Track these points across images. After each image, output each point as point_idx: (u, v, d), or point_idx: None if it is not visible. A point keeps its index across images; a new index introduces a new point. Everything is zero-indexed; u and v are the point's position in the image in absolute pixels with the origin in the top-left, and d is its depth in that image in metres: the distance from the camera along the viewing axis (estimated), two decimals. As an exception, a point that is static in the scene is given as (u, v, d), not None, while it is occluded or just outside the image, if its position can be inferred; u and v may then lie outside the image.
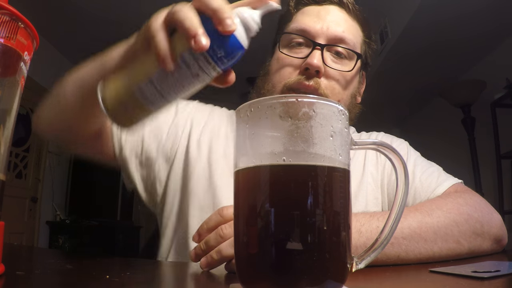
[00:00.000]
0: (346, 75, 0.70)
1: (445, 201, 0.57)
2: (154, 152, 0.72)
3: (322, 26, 0.69)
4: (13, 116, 0.32)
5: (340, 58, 0.70)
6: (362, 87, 0.80)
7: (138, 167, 0.72)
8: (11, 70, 0.31)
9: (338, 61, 0.70)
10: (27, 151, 3.15)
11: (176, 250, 0.70)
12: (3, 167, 0.31)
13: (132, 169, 0.72)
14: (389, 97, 3.67)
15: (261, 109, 0.26)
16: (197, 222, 0.66)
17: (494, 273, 0.37)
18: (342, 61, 0.70)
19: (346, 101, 0.72)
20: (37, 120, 0.64)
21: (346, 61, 0.71)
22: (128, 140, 0.71)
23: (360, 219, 0.48)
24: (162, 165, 0.73)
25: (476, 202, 0.59)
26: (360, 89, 0.79)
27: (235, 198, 0.29)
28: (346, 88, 0.71)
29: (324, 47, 0.68)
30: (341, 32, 0.69)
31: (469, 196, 0.60)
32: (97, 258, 0.55)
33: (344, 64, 0.70)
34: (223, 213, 0.47)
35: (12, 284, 0.30)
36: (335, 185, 0.26)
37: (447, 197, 0.60)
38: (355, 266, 0.28)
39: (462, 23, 2.55)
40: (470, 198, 0.59)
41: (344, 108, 0.28)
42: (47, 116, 0.63)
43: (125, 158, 0.71)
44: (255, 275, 0.27)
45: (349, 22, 0.73)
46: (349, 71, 0.70)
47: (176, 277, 0.48)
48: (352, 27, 0.73)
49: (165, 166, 0.73)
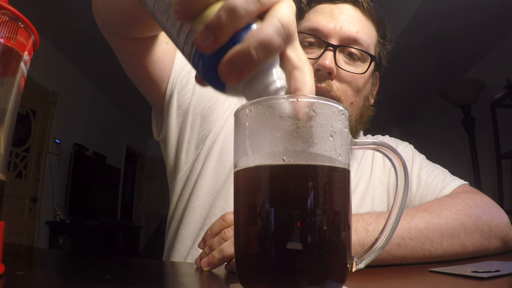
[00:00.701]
0: (359, 77, 0.68)
1: (454, 201, 0.56)
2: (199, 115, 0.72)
3: (335, 26, 0.67)
4: (13, 116, 0.32)
5: (353, 60, 0.68)
6: (375, 88, 0.77)
7: (177, 116, 0.71)
8: (11, 70, 0.31)
9: (351, 62, 0.68)
10: (27, 151, 3.15)
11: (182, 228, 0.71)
12: (3, 167, 0.31)
13: (173, 112, 0.70)
14: (389, 97, 3.67)
15: (261, 109, 0.26)
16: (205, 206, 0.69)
17: (494, 273, 0.37)
18: (355, 62, 0.68)
19: (359, 103, 0.70)
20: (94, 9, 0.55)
21: (359, 63, 0.68)
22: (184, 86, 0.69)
23: (367, 219, 0.48)
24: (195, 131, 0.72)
25: (486, 204, 0.58)
26: (373, 91, 0.77)
27: (235, 198, 0.29)
28: (359, 90, 0.69)
29: (336, 48, 0.66)
30: (354, 33, 0.67)
31: (479, 198, 0.59)
32: (97, 258, 0.55)
33: (357, 66, 0.68)
34: (226, 218, 0.48)
35: (12, 284, 0.30)
36: (335, 185, 0.26)
37: (456, 197, 0.58)
38: (355, 266, 0.28)
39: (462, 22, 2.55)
40: (479, 200, 0.58)
41: (344, 108, 0.28)
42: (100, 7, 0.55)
43: (173, 101, 0.69)
44: (255, 275, 0.27)
45: (363, 22, 0.70)
46: (362, 73, 0.68)
47: (176, 277, 0.48)
48: (366, 27, 0.70)
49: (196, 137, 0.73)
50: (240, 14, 0.25)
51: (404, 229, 0.48)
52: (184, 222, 0.71)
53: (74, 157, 3.86)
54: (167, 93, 0.69)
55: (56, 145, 3.59)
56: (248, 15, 0.26)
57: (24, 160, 3.12)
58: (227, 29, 0.26)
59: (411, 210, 0.52)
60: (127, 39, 0.56)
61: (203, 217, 0.69)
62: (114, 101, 4.75)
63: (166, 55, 0.65)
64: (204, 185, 0.71)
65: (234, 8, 0.25)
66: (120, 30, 0.54)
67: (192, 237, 0.69)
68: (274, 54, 0.26)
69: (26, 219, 3.11)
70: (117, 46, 0.60)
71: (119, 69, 0.66)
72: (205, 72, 0.28)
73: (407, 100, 3.93)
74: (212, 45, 0.26)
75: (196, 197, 0.70)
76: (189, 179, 0.72)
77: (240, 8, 0.25)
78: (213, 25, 0.25)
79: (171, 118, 0.71)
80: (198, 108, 0.72)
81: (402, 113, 4.46)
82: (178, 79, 0.68)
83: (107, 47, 0.60)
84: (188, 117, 0.71)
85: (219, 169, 0.71)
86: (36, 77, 3.11)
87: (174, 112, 0.70)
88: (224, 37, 0.26)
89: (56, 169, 3.60)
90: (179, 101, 0.70)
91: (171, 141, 0.73)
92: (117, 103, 4.84)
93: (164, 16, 0.30)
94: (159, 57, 0.64)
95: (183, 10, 0.27)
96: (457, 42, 2.77)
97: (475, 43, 2.79)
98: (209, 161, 0.71)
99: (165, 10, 0.30)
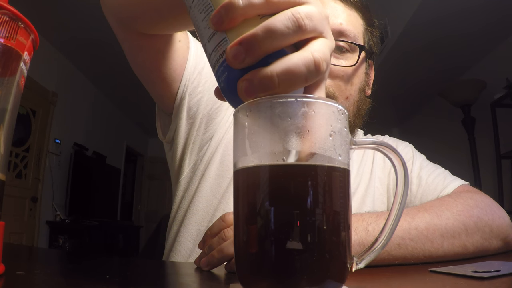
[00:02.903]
0: (350, 70, 0.66)
1: (455, 201, 0.55)
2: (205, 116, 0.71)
3: None
4: (13, 116, 0.32)
5: (342, 53, 0.66)
6: (370, 78, 0.75)
7: (187, 118, 0.70)
8: (11, 70, 0.31)
9: (340, 56, 0.66)
10: (27, 151, 3.15)
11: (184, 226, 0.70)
12: (3, 167, 0.31)
13: (183, 115, 0.69)
14: (389, 97, 3.67)
15: (260, 109, 0.26)
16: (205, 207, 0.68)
17: (494, 273, 0.37)
18: (344, 55, 0.66)
19: (355, 97, 0.69)
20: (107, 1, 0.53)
21: (348, 55, 0.66)
22: (195, 87, 0.68)
23: (367, 219, 0.48)
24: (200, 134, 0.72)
25: (487, 204, 0.57)
26: (369, 80, 0.74)
27: (235, 198, 0.29)
28: (353, 83, 0.67)
29: None
30: (338, 25, 0.65)
31: (480, 198, 0.58)
32: (97, 258, 0.55)
33: (347, 58, 0.66)
34: (225, 219, 0.48)
35: (12, 284, 0.30)
36: (335, 185, 0.26)
37: (457, 197, 0.58)
38: (355, 266, 0.28)
39: (462, 23, 2.55)
40: (481, 200, 0.57)
41: (343, 107, 0.28)
42: None
43: (184, 103, 0.68)
44: (255, 275, 0.27)
45: (347, 12, 0.68)
46: (353, 65, 0.66)
47: (176, 277, 0.48)
48: (350, 17, 0.68)
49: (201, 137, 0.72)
50: (277, 37, 0.25)
51: (404, 230, 0.48)
52: (185, 224, 0.70)
53: (74, 157, 3.86)
54: (178, 95, 0.67)
55: (56, 145, 3.59)
56: (285, 40, 0.25)
57: (24, 160, 3.12)
58: (260, 49, 0.25)
59: (411, 210, 0.52)
60: (140, 34, 0.54)
61: (206, 220, 0.69)
62: (114, 101, 4.75)
63: (179, 53, 0.63)
64: (207, 187, 0.70)
65: (274, 30, 0.25)
66: (136, 25, 0.52)
67: (193, 239, 0.69)
68: (297, 85, 0.26)
69: (26, 219, 3.11)
70: (128, 41, 0.58)
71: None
72: (226, 85, 0.28)
73: (407, 100, 3.93)
74: (242, 62, 0.25)
75: (198, 199, 0.70)
76: (192, 181, 0.72)
77: (279, 30, 0.25)
78: (247, 42, 0.25)
79: (181, 120, 0.69)
80: (206, 110, 0.70)
81: (402, 113, 4.46)
82: (190, 81, 0.67)
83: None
84: (197, 119, 0.70)
85: (222, 172, 0.70)
86: (36, 77, 3.10)
87: (185, 114, 0.69)
88: (255, 56, 0.25)
89: (56, 169, 3.60)
90: (190, 103, 0.68)
91: (179, 143, 0.72)
92: (117, 103, 4.84)
93: (201, 15, 0.29)
94: (171, 56, 0.62)
95: (221, 22, 0.26)
96: (457, 42, 2.77)
97: (475, 43, 2.79)
98: (212, 163, 0.71)
99: (204, 10, 0.28)
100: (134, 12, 0.49)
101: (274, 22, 0.25)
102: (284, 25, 0.25)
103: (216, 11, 0.26)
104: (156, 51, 0.59)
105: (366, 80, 0.73)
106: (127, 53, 0.60)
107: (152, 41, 0.57)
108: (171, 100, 0.68)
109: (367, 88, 0.73)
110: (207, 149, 0.72)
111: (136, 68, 0.63)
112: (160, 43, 0.58)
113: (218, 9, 0.26)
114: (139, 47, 0.58)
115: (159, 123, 0.75)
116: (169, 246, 0.73)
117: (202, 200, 0.70)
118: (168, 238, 0.75)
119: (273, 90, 0.25)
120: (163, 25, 0.50)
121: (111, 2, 0.51)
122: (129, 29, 0.54)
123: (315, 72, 0.25)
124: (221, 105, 0.72)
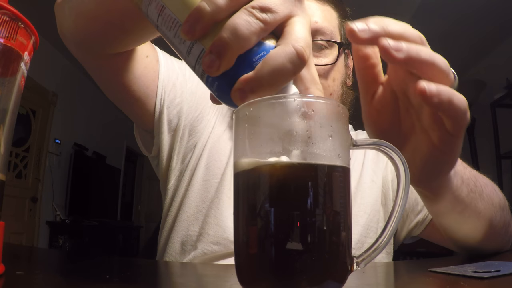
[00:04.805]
0: (330, 66, 0.66)
1: (498, 195, 0.54)
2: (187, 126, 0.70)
3: None
4: (13, 116, 0.32)
5: (320, 50, 0.65)
6: (349, 68, 0.75)
7: (168, 131, 0.69)
8: (11, 70, 0.31)
9: (318, 54, 0.65)
10: (27, 151, 3.15)
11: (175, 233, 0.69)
12: (3, 167, 0.31)
13: (164, 129, 0.68)
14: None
15: (260, 109, 0.26)
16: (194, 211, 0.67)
17: (494, 273, 0.37)
18: (323, 52, 0.65)
19: (338, 92, 0.69)
20: (65, 29, 0.50)
21: (327, 51, 0.66)
22: (172, 98, 0.67)
23: None
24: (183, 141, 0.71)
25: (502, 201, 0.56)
26: (349, 71, 0.74)
27: (235, 198, 0.29)
28: (334, 79, 0.67)
29: None
30: (314, 23, 0.64)
31: (502, 196, 0.57)
32: (97, 258, 0.55)
33: (326, 55, 0.66)
34: None
35: (12, 284, 0.30)
36: (335, 185, 0.26)
37: (495, 190, 0.56)
38: (355, 266, 0.28)
39: (462, 23, 2.55)
40: (503, 199, 0.56)
41: (344, 107, 0.28)
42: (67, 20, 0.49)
43: (163, 118, 0.67)
44: (255, 275, 0.27)
45: (321, 9, 0.67)
46: (333, 63, 0.66)
47: (176, 277, 0.48)
48: (324, 13, 0.67)
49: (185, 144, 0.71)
50: (243, 35, 0.24)
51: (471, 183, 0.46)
52: (175, 231, 0.69)
53: (74, 157, 3.86)
54: (156, 110, 0.66)
55: (56, 145, 3.60)
56: (254, 35, 0.24)
57: (24, 160, 3.12)
58: (231, 51, 0.24)
59: (475, 174, 0.50)
60: (105, 56, 0.52)
61: (196, 226, 0.67)
62: (114, 101, 4.75)
63: (149, 69, 0.62)
64: (194, 193, 0.69)
65: (235, 28, 0.24)
66: (99, 45, 0.49)
67: (182, 245, 0.67)
68: (288, 80, 0.25)
69: (26, 219, 3.11)
70: (95, 66, 0.56)
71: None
72: (220, 93, 0.28)
73: (407, 100, 3.93)
74: (218, 69, 0.25)
75: (187, 205, 0.69)
76: (178, 189, 0.71)
77: (242, 27, 0.24)
78: (216, 48, 0.24)
79: (163, 134, 0.69)
80: (187, 119, 0.70)
81: (402, 113, 4.46)
82: (166, 94, 0.66)
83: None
84: (179, 130, 0.70)
85: (209, 177, 0.69)
86: (36, 77, 3.11)
87: (165, 128, 0.68)
88: (229, 60, 0.24)
89: (56, 169, 3.60)
90: (169, 115, 0.68)
91: (163, 155, 0.71)
92: (117, 103, 4.83)
93: (171, 32, 0.28)
94: (141, 73, 0.61)
95: (192, 30, 0.25)
96: (457, 42, 2.77)
97: (475, 43, 2.79)
98: (198, 169, 0.69)
99: (173, 26, 0.28)
100: (94, 32, 0.46)
101: (235, 21, 0.24)
102: (245, 21, 0.24)
103: (185, 21, 0.25)
104: (125, 71, 0.57)
105: (347, 72, 0.73)
106: (96, 80, 0.59)
107: (118, 61, 0.55)
108: (150, 117, 0.67)
109: (348, 80, 0.73)
110: (191, 157, 0.71)
111: (108, 92, 0.62)
112: (127, 62, 0.56)
113: (186, 19, 0.25)
114: (106, 70, 0.57)
115: (139, 140, 0.74)
116: (160, 253, 0.72)
117: (190, 206, 0.68)
118: (158, 245, 0.74)
119: (266, 92, 0.25)
120: (127, 40, 0.48)
121: (68, 27, 0.49)
122: (93, 52, 0.52)
123: (301, 63, 0.25)
124: (202, 111, 0.71)
